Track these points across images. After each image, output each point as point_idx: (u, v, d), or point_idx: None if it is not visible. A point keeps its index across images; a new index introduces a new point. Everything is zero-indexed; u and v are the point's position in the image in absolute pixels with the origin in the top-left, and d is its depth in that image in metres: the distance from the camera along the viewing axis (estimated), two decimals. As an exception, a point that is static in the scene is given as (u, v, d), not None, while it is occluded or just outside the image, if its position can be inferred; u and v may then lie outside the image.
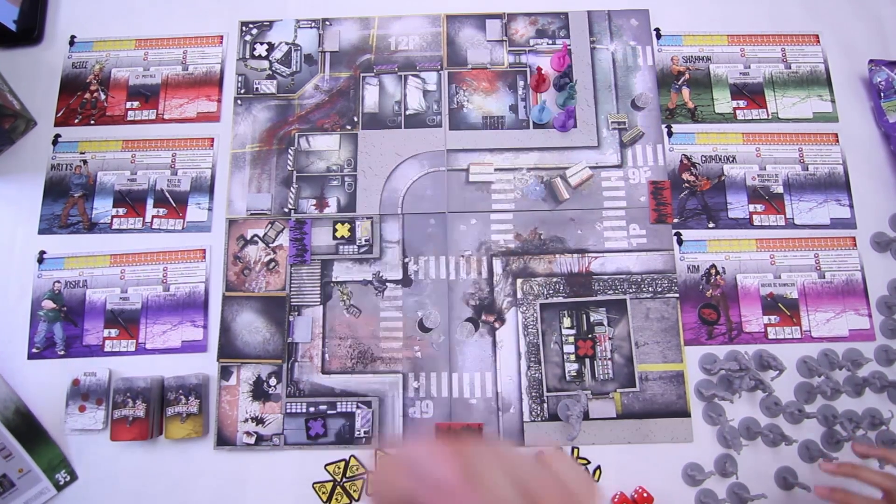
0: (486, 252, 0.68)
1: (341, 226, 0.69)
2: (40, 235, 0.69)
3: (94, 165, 0.71)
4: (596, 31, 0.74)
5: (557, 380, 0.64)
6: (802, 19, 0.76)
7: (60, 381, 0.64)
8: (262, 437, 0.63)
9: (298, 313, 0.67)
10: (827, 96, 0.73)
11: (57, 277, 0.68)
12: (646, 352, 0.65)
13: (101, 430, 0.63)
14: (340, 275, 0.68)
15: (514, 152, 0.71)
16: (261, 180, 0.71)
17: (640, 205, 0.69)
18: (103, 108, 0.73)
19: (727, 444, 0.61)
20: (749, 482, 0.61)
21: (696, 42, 0.74)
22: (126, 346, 0.66)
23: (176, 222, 0.70)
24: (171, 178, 0.71)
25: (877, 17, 0.76)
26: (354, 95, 0.73)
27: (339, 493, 0.62)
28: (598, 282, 0.67)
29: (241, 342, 0.66)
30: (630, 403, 0.64)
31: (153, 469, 0.63)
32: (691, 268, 0.68)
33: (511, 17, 0.75)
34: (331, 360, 0.66)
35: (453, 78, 0.73)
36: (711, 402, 0.63)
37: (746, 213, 0.69)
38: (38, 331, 0.67)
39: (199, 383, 0.63)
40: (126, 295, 0.68)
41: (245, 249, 0.69)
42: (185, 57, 0.75)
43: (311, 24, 0.76)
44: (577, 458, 0.63)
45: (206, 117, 0.73)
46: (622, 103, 0.72)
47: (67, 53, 0.75)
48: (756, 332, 0.66)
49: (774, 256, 0.68)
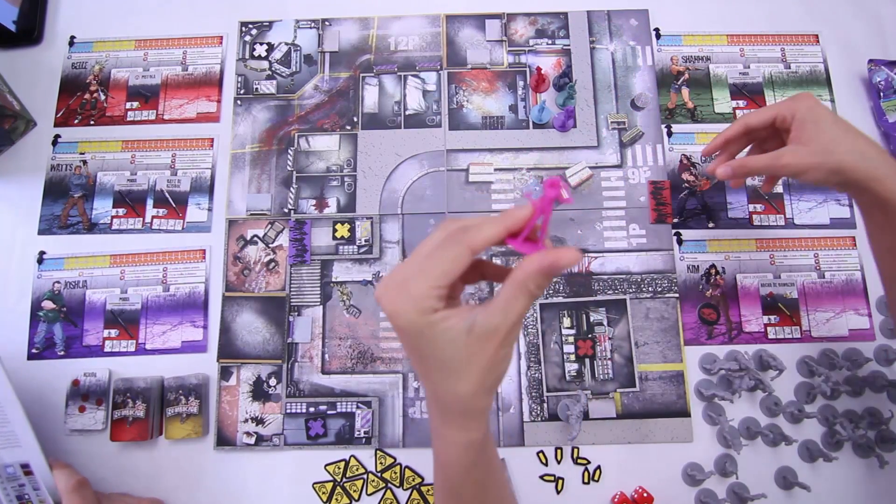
0: (486, 252, 0.68)
1: (341, 226, 0.69)
2: (40, 236, 0.69)
3: (94, 166, 0.71)
4: (595, 31, 0.74)
5: (557, 380, 0.64)
6: (802, 19, 0.76)
7: (60, 381, 0.64)
8: (262, 437, 0.63)
9: (298, 313, 0.67)
10: (826, 96, 0.73)
11: (57, 278, 0.68)
12: (646, 352, 0.65)
13: (101, 431, 0.63)
14: (340, 275, 0.68)
15: (513, 152, 0.71)
16: (261, 180, 0.71)
17: (640, 205, 0.69)
18: (103, 109, 0.73)
19: (727, 444, 0.61)
20: (749, 482, 0.61)
21: (696, 42, 0.74)
22: (126, 347, 0.66)
23: (176, 223, 0.70)
24: (170, 178, 0.71)
25: (877, 17, 0.76)
26: (354, 96, 0.73)
27: (339, 493, 0.62)
28: (597, 282, 0.67)
29: (241, 342, 0.66)
30: (630, 403, 0.64)
31: (153, 469, 0.63)
32: (691, 268, 0.68)
33: (511, 17, 0.75)
34: (331, 360, 0.66)
35: (453, 78, 0.73)
36: (711, 402, 0.63)
37: (746, 213, 0.69)
38: (37, 331, 0.67)
39: (199, 383, 0.63)
40: (126, 295, 0.68)
41: (245, 250, 0.69)
42: (185, 57, 0.75)
43: (311, 24, 0.76)
44: (578, 458, 0.63)
45: (205, 117, 0.73)
46: (622, 103, 0.72)
47: (67, 54, 0.75)
48: (756, 332, 0.66)
49: (774, 256, 0.68)
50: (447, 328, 0.31)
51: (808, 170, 0.48)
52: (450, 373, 0.32)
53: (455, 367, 0.32)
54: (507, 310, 0.31)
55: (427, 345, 0.32)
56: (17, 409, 0.55)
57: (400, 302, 0.31)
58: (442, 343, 0.31)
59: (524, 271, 0.30)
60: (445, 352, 0.32)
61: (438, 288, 0.31)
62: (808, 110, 0.49)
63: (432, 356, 0.32)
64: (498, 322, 0.31)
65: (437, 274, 0.31)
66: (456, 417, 0.35)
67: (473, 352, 0.31)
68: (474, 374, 0.32)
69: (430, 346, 0.32)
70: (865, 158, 0.47)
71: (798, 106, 0.50)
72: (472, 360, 0.32)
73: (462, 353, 0.31)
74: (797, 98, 0.51)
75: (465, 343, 0.31)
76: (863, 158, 0.47)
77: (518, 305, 0.31)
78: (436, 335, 0.31)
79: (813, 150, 0.48)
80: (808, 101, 0.50)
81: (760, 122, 0.52)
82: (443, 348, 0.31)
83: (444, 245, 0.31)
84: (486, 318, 0.31)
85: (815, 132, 0.48)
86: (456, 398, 0.33)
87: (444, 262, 0.31)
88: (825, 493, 0.61)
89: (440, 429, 0.36)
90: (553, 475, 0.62)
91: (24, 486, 0.55)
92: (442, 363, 0.32)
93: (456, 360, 0.32)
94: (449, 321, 0.31)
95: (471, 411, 0.35)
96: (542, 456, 0.63)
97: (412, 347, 0.33)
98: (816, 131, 0.48)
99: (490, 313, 0.31)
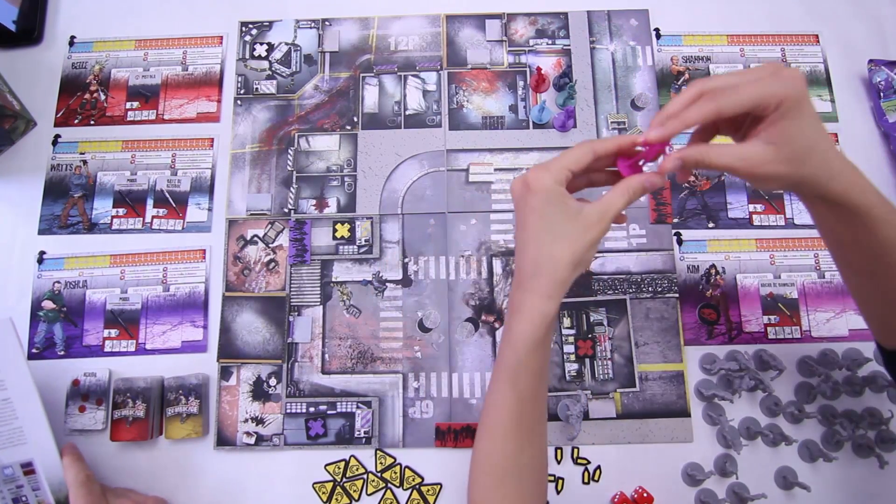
0: (486, 252, 0.68)
1: (341, 226, 0.69)
2: (40, 236, 0.69)
3: (94, 166, 0.72)
4: (595, 31, 0.74)
5: (557, 380, 0.64)
6: (802, 19, 0.76)
7: (60, 381, 0.64)
8: (262, 437, 0.63)
9: (298, 313, 0.67)
10: (826, 96, 0.73)
11: (57, 278, 0.68)
12: (646, 352, 0.65)
13: (101, 431, 0.63)
14: (340, 275, 0.68)
15: (513, 152, 0.71)
16: (261, 180, 0.71)
17: (640, 205, 0.69)
18: (103, 109, 0.73)
19: (727, 444, 0.61)
20: (749, 482, 0.61)
21: (696, 42, 0.74)
22: (126, 347, 0.66)
23: (176, 222, 0.70)
24: (170, 178, 0.71)
25: (877, 17, 0.76)
26: (354, 96, 0.73)
27: (339, 493, 0.62)
28: (597, 282, 0.67)
29: (241, 342, 0.66)
30: (630, 403, 0.64)
31: (153, 469, 0.63)
32: (691, 268, 0.68)
33: (511, 17, 0.75)
34: (331, 360, 0.66)
35: (453, 78, 0.73)
36: (711, 402, 0.63)
37: (746, 213, 0.69)
38: (37, 331, 0.67)
39: (199, 383, 0.63)
40: (126, 295, 0.68)
41: (245, 250, 0.69)
42: (185, 57, 0.75)
43: (311, 24, 0.76)
44: (578, 458, 0.63)
45: (205, 117, 0.73)
46: (622, 103, 0.72)
47: (67, 54, 0.75)
48: (756, 332, 0.66)
49: (774, 256, 0.68)
50: (569, 200, 0.43)
51: (776, 179, 0.41)
52: (557, 236, 0.42)
53: (564, 232, 0.42)
54: (612, 203, 0.43)
55: (550, 209, 0.42)
56: (36, 401, 0.55)
57: (541, 172, 0.42)
58: (561, 210, 0.42)
59: (631, 180, 0.43)
60: (561, 217, 0.42)
61: (568, 170, 0.43)
62: (796, 104, 0.39)
63: (550, 219, 0.42)
64: (604, 209, 0.42)
65: (569, 160, 0.43)
66: (543, 282, 0.43)
67: (582, 226, 0.42)
68: (577, 243, 0.42)
69: (551, 210, 0.42)
70: (831, 175, 0.41)
71: (787, 94, 0.39)
72: (578, 231, 0.42)
73: (572, 223, 0.42)
74: (783, 79, 0.39)
75: (577, 217, 0.42)
76: (828, 174, 0.41)
77: (620, 202, 0.43)
78: (560, 202, 0.42)
79: (786, 156, 0.40)
80: (797, 89, 0.39)
81: (737, 110, 0.40)
82: (561, 214, 0.42)
83: (576, 146, 0.44)
84: (597, 204, 0.43)
85: (796, 134, 0.40)
86: (552, 260, 0.42)
87: (575, 154, 0.43)
88: (825, 493, 0.61)
89: (524, 298, 0.44)
90: (553, 475, 0.62)
91: (22, 488, 0.55)
92: (554, 226, 0.42)
93: (567, 227, 0.42)
94: (570, 198, 0.43)
95: (559, 278, 0.43)
96: (542, 456, 0.63)
97: (534, 209, 0.43)
98: (796, 134, 0.40)
99: (600, 202, 0.43)
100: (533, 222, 0.43)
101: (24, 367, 0.55)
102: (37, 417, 0.55)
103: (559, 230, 0.42)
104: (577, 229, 0.42)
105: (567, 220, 0.42)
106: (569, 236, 0.42)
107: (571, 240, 0.42)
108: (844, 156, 0.42)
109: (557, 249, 0.42)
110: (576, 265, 0.43)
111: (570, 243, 0.42)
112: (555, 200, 0.42)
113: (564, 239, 0.42)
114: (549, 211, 0.42)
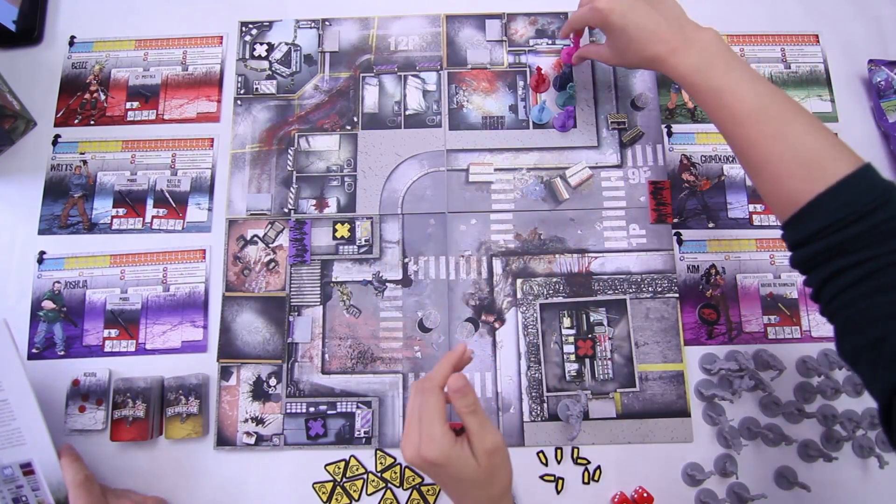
0: (486, 252, 0.68)
1: (341, 226, 0.69)
2: (40, 236, 0.69)
3: (94, 166, 0.72)
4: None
5: (557, 380, 0.64)
6: (802, 19, 0.76)
7: (60, 381, 0.64)
8: (262, 437, 0.63)
9: (298, 313, 0.67)
10: (826, 96, 0.73)
11: (57, 278, 0.68)
12: (646, 352, 0.65)
13: (101, 431, 0.63)
14: (340, 275, 0.68)
15: (513, 152, 0.71)
16: (261, 180, 0.71)
17: (640, 205, 0.69)
18: (103, 109, 0.73)
19: (727, 444, 0.61)
20: (749, 482, 0.61)
21: (696, 42, 0.74)
22: (126, 347, 0.66)
23: (176, 222, 0.70)
24: (170, 178, 0.71)
25: (877, 17, 0.76)
26: (354, 96, 0.73)
27: (339, 493, 0.62)
28: (597, 282, 0.67)
29: (241, 342, 0.66)
30: (630, 403, 0.64)
31: (153, 469, 0.63)
32: (691, 268, 0.68)
33: (511, 17, 0.75)
34: (331, 360, 0.66)
35: (453, 78, 0.73)
36: (711, 402, 0.63)
37: (746, 213, 0.69)
38: (37, 331, 0.67)
39: (199, 383, 0.63)
40: (126, 295, 0.68)
41: (245, 250, 0.69)
42: (185, 57, 0.75)
43: (311, 24, 0.76)
44: (578, 458, 0.63)
45: (205, 117, 0.73)
46: (622, 103, 0.72)
47: (67, 54, 0.75)
48: (756, 332, 0.66)
49: (774, 256, 0.68)
50: (467, 456, 0.44)
51: (618, 65, 0.64)
52: (477, 485, 0.45)
53: (480, 479, 0.44)
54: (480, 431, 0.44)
55: (459, 468, 0.43)
56: (31, 403, 0.55)
57: (435, 449, 0.43)
58: (467, 465, 0.44)
59: (455, 406, 0.45)
60: (470, 471, 0.44)
61: (444, 425, 0.44)
62: (605, 24, 0.58)
63: (463, 476, 0.44)
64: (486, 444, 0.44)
65: (437, 418, 0.44)
66: None
67: (488, 466, 0.44)
68: (494, 482, 0.45)
69: (460, 468, 0.43)
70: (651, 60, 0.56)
71: (593, 18, 0.58)
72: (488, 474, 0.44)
73: (481, 470, 0.44)
74: (593, 10, 0.57)
75: (481, 462, 0.44)
76: (647, 61, 0.57)
77: (474, 423, 0.44)
78: (462, 460, 0.43)
79: (614, 53, 0.60)
80: (600, 15, 0.57)
81: (575, 27, 0.65)
82: (469, 469, 0.44)
83: (424, 398, 0.45)
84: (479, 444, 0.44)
85: (614, 39, 0.59)
86: (490, 500, 0.46)
87: (434, 407, 0.44)
88: (825, 493, 0.61)
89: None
90: (553, 475, 0.62)
91: (21, 489, 0.55)
92: (471, 480, 0.44)
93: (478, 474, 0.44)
94: (464, 450, 0.44)
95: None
96: (542, 456, 0.63)
97: (448, 475, 0.44)
98: (614, 39, 0.59)
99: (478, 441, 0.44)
100: (453, 483, 0.46)
101: (20, 367, 0.55)
102: (33, 418, 0.55)
103: (476, 480, 0.45)
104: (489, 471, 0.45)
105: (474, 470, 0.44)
106: (486, 480, 0.45)
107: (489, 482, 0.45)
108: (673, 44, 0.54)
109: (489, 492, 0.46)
110: (505, 491, 0.47)
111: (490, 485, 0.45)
112: (456, 462, 0.43)
113: (486, 484, 0.45)
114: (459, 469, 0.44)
